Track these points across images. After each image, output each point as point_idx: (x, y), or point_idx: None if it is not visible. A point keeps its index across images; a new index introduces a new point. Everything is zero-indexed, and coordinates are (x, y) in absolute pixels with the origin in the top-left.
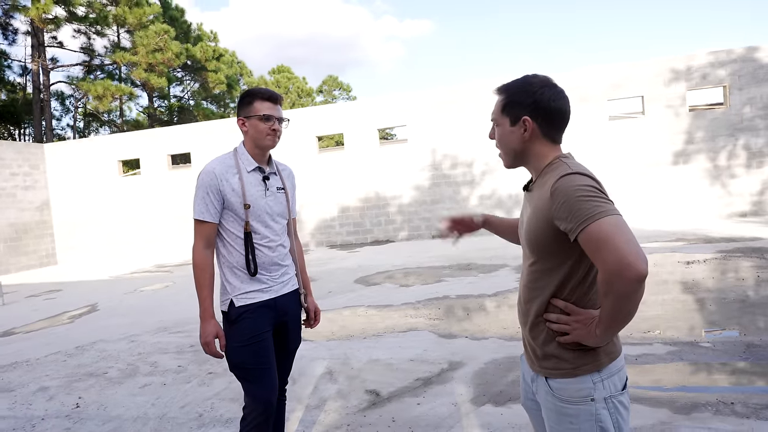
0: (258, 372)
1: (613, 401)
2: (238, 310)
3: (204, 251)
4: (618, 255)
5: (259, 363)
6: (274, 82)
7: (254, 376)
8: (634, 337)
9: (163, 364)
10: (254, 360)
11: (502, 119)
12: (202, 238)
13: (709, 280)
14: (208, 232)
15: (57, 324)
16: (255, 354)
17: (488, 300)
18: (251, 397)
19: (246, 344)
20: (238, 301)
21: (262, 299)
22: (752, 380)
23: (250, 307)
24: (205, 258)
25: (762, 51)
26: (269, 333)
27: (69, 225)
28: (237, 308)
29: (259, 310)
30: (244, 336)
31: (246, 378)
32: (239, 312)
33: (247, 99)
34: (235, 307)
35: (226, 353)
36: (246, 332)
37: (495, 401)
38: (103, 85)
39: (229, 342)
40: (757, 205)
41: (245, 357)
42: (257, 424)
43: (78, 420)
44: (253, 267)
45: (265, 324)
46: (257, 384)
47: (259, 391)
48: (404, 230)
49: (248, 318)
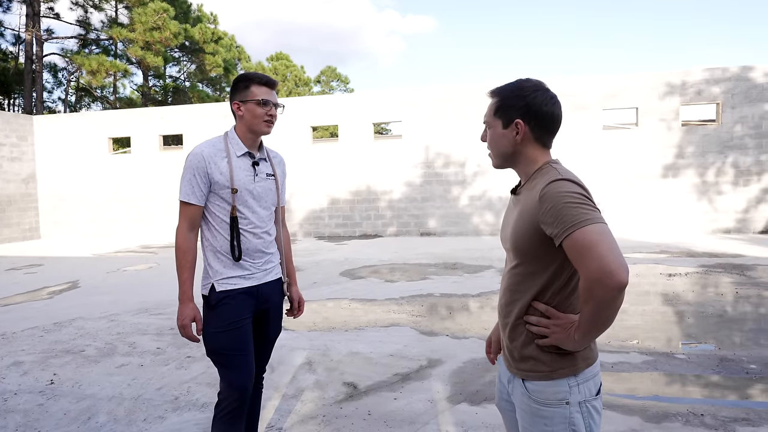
0: (235, 358)
1: (587, 406)
2: (219, 295)
3: (187, 234)
4: (600, 263)
5: (236, 349)
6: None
7: (231, 362)
8: (612, 345)
9: (142, 345)
10: (231, 346)
11: (494, 121)
12: (186, 219)
13: (690, 293)
14: (193, 214)
15: (36, 299)
16: (233, 340)
17: (472, 300)
18: (227, 383)
19: (224, 330)
20: (219, 286)
21: (243, 285)
22: (723, 393)
23: (231, 292)
24: (187, 240)
25: (756, 71)
26: (248, 320)
27: (55, 199)
28: (217, 293)
29: (240, 297)
30: (222, 322)
31: (222, 364)
32: (219, 297)
33: (244, 83)
34: (216, 291)
35: (204, 338)
36: (225, 318)
37: (471, 400)
38: (98, 60)
39: (208, 327)
40: (741, 222)
41: (223, 343)
42: (232, 410)
43: (52, 396)
44: (238, 252)
45: (245, 311)
46: (233, 370)
47: (235, 377)
48: (393, 226)
49: (228, 304)
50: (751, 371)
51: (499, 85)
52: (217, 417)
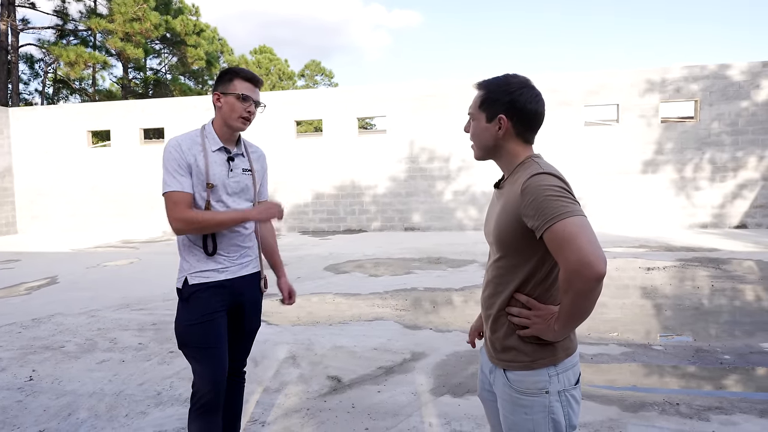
0: (206, 352)
1: (566, 395)
2: (191, 288)
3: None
4: (579, 254)
5: (208, 343)
6: (255, 63)
7: (202, 355)
8: (592, 337)
9: (123, 340)
10: (203, 340)
11: (478, 114)
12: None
13: (667, 286)
14: (182, 199)
15: (13, 294)
16: (204, 334)
17: (455, 294)
18: (198, 377)
19: (195, 323)
20: (192, 279)
21: (217, 279)
22: (699, 383)
23: (203, 286)
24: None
25: (733, 69)
26: (221, 313)
27: (32, 193)
28: (190, 286)
29: (213, 290)
30: (194, 315)
31: (194, 357)
32: (192, 290)
33: (228, 76)
34: (189, 284)
35: (176, 331)
36: (196, 311)
37: (454, 392)
38: (76, 51)
39: (180, 320)
40: (718, 217)
41: (194, 336)
42: (205, 403)
43: (31, 393)
44: (212, 247)
45: (218, 304)
46: (204, 364)
47: (207, 371)
48: (377, 221)
49: (200, 297)
50: (725, 362)
51: (487, 78)
52: (191, 411)
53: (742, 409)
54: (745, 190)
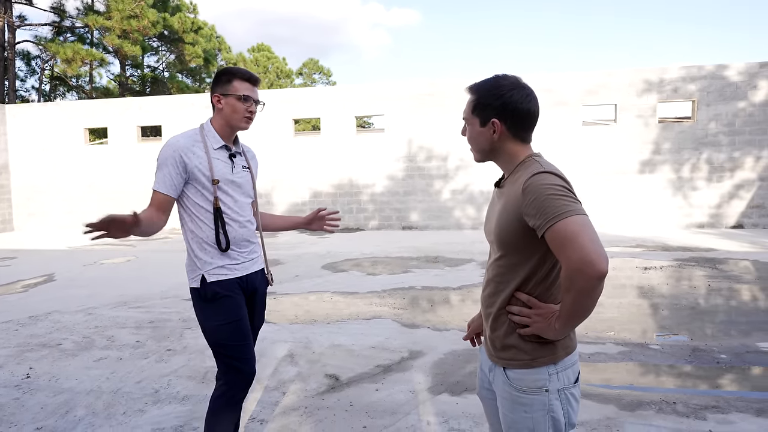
0: (243, 348)
1: (566, 393)
2: (212, 286)
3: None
4: (581, 253)
5: (242, 339)
6: (253, 61)
7: (238, 352)
8: (590, 337)
9: (121, 338)
10: (240, 336)
11: (472, 119)
12: (154, 206)
13: (664, 286)
14: (162, 202)
15: (10, 292)
16: (239, 331)
17: (453, 293)
18: (235, 373)
19: (228, 323)
20: (210, 277)
21: (234, 275)
22: (695, 383)
23: (224, 283)
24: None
25: (731, 69)
26: (246, 310)
27: (29, 191)
28: (210, 284)
29: (236, 290)
30: (224, 315)
31: (230, 355)
32: (214, 290)
33: (227, 77)
34: (208, 282)
35: (207, 332)
36: (226, 311)
37: (451, 391)
38: (73, 48)
39: (209, 321)
40: (714, 217)
41: (230, 335)
42: (237, 395)
43: (28, 390)
44: (225, 243)
45: (241, 300)
46: (242, 360)
47: (245, 366)
48: (375, 219)
49: (226, 296)
50: (722, 361)
51: (477, 81)
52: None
53: (739, 408)
54: (741, 190)
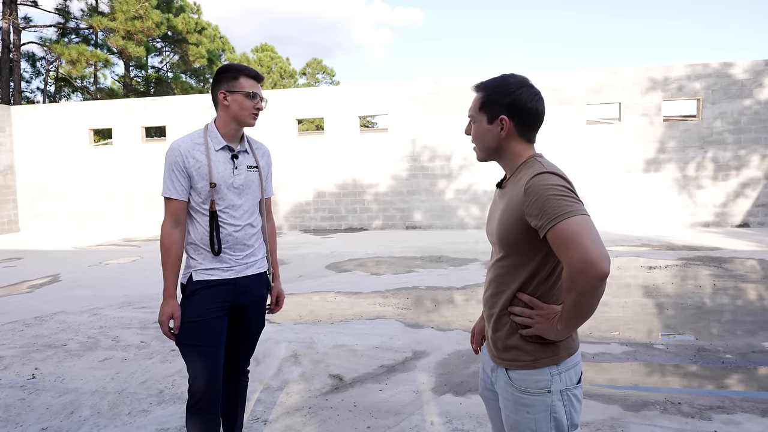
0: (201, 350)
1: (568, 394)
2: (195, 284)
3: (171, 230)
4: (583, 253)
5: (203, 341)
6: (257, 61)
7: (198, 354)
8: (594, 336)
9: (126, 338)
10: (200, 338)
11: (479, 116)
12: (169, 215)
13: (669, 285)
14: (176, 209)
15: (16, 293)
16: (201, 332)
17: (456, 293)
18: (192, 376)
19: (193, 321)
20: (196, 275)
21: (221, 277)
22: (700, 383)
23: (208, 283)
24: (171, 236)
25: (736, 67)
26: (221, 313)
27: (34, 192)
28: (194, 282)
29: (215, 289)
30: (193, 312)
31: (189, 356)
32: (195, 287)
33: (232, 74)
34: (193, 281)
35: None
36: (195, 309)
37: (455, 391)
38: (78, 49)
39: (184, 316)
40: (720, 216)
41: (191, 334)
42: (199, 401)
43: (33, 391)
44: (217, 246)
45: (218, 303)
46: (198, 364)
47: (200, 372)
48: (379, 219)
49: (201, 294)
50: (727, 361)
51: (484, 79)
52: (188, 409)
53: (744, 408)
54: (747, 188)
